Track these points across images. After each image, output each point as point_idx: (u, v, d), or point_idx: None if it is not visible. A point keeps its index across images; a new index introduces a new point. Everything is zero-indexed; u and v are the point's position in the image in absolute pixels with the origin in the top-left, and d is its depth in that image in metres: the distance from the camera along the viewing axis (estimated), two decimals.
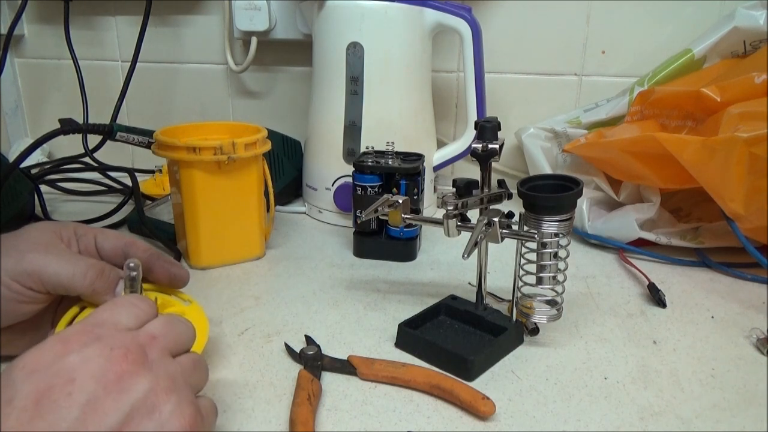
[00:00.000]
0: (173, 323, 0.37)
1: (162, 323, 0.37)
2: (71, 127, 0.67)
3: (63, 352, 0.31)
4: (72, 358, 0.31)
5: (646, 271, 0.65)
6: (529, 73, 0.91)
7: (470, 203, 0.52)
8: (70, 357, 0.31)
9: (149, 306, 0.38)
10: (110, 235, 0.48)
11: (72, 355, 0.31)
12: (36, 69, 1.04)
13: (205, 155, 0.62)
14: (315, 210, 0.83)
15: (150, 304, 0.38)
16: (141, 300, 0.38)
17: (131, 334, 0.34)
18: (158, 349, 0.34)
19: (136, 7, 0.93)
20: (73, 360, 0.31)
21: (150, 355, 0.34)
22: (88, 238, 0.47)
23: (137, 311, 0.37)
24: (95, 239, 0.48)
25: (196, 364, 0.37)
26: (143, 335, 0.35)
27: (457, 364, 0.47)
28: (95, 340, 0.33)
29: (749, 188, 0.61)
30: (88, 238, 0.47)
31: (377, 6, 0.73)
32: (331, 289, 0.63)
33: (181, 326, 0.38)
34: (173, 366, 0.34)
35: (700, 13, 0.84)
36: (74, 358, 0.31)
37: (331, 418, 0.43)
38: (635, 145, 0.68)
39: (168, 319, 0.38)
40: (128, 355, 0.32)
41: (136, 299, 0.38)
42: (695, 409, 0.44)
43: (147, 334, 0.35)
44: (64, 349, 0.32)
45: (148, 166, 0.97)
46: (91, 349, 0.32)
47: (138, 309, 0.37)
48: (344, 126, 0.77)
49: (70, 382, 0.30)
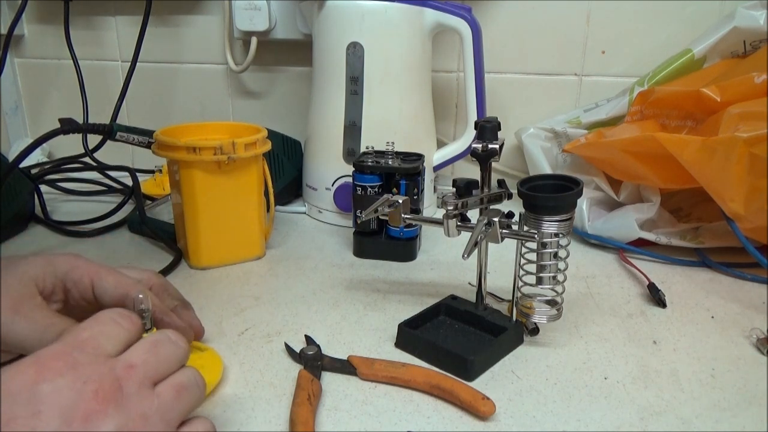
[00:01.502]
0: (157, 347, 0.35)
1: (145, 349, 0.34)
2: (71, 127, 0.67)
3: (36, 379, 0.30)
4: (43, 387, 0.30)
5: (646, 271, 0.65)
6: (529, 73, 0.91)
7: (470, 203, 0.52)
8: (42, 386, 0.30)
9: (133, 324, 0.36)
10: (110, 284, 0.43)
11: (44, 384, 0.30)
12: (36, 69, 1.04)
13: (205, 155, 0.62)
14: (315, 210, 0.83)
15: (134, 322, 0.36)
16: (124, 317, 0.36)
17: (108, 365, 0.32)
18: (136, 382, 0.32)
19: (136, 7, 0.93)
20: (43, 390, 0.30)
21: (126, 389, 0.32)
22: (83, 285, 0.43)
23: (120, 331, 0.35)
24: (93, 287, 0.44)
25: (179, 391, 0.34)
26: (121, 366, 0.33)
27: (457, 364, 0.47)
28: (70, 368, 0.31)
29: (749, 188, 0.61)
30: (83, 285, 0.43)
31: (377, 6, 0.73)
32: (331, 289, 0.63)
33: (166, 349, 0.35)
34: (148, 402, 0.32)
35: (700, 13, 0.84)
36: (45, 387, 0.30)
37: (331, 418, 0.43)
38: (635, 145, 0.68)
39: (152, 342, 0.35)
40: (100, 392, 0.31)
41: (119, 316, 0.36)
42: (695, 409, 0.44)
43: (125, 363, 0.33)
44: (37, 376, 0.30)
45: (148, 166, 0.97)
46: (64, 379, 0.31)
47: (121, 328, 0.35)
48: (344, 126, 0.77)
49: (36, 415, 0.29)
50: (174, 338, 0.36)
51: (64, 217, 0.81)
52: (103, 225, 0.78)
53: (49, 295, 0.43)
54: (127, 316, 0.36)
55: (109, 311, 0.36)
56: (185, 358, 0.36)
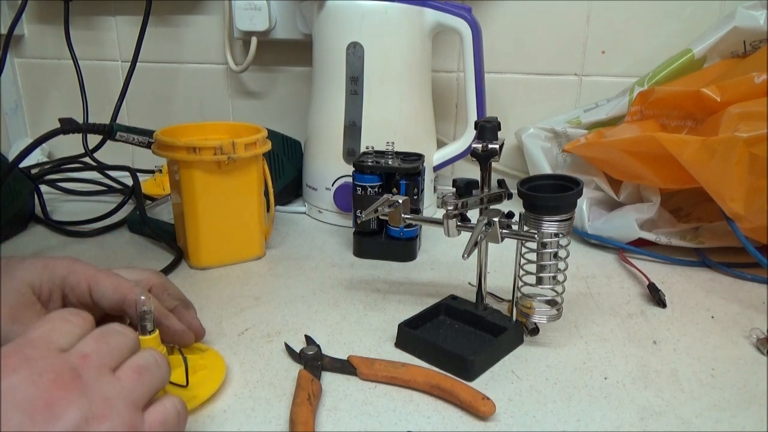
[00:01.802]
0: (107, 336, 0.35)
1: (95, 338, 0.34)
2: (71, 127, 0.67)
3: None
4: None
5: (646, 271, 0.65)
6: (529, 73, 0.91)
7: (470, 203, 0.52)
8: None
9: (83, 319, 0.36)
10: (108, 288, 0.43)
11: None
12: (36, 69, 1.04)
13: (205, 155, 0.62)
14: (315, 210, 0.83)
15: (84, 317, 0.36)
16: (74, 314, 0.36)
17: (63, 356, 0.32)
18: (93, 368, 0.32)
19: (136, 7, 0.93)
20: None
21: (84, 376, 0.32)
22: (80, 290, 0.43)
23: (71, 327, 0.35)
24: (90, 292, 0.43)
25: (140, 373, 0.34)
26: (75, 356, 0.33)
27: (457, 364, 0.47)
28: (23, 363, 0.31)
29: (749, 188, 0.61)
30: (80, 290, 0.43)
31: (377, 6, 0.73)
32: (331, 289, 0.63)
33: (116, 337, 0.35)
34: (110, 385, 0.32)
35: (700, 13, 0.84)
36: (1, 386, 0.30)
37: (331, 418, 0.43)
38: (635, 145, 0.68)
39: (100, 332, 0.35)
40: (57, 380, 0.30)
41: (68, 314, 0.36)
42: (695, 409, 0.44)
43: (79, 353, 0.33)
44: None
45: (148, 166, 0.97)
46: (18, 375, 0.30)
47: (71, 324, 0.35)
48: (344, 126, 0.77)
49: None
50: (119, 328, 0.36)
51: (64, 217, 0.81)
52: (103, 225, 0.78)
53: (46, 301, 0.43)
54: (77, 314, 0.36)
55: (60, 311, 0.36)
56: (135, 345, 0.36)
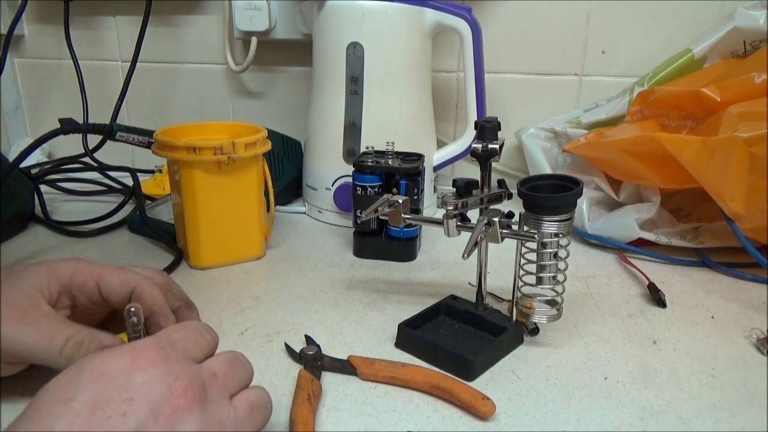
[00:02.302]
0: (234, 363, 0.37)
1: (224, 362, 0.36)
2: (71, 127, 0.67)
3: (130, 367, 0.32)
4: (137, 376, 0.31)
5: (646, 271, 0.65)
6: (529, 73, 0.91)
7: (470, 203, 0.52)
8: (136, 374, 0.31)
9: (213, 339, 0.38)
10: (116, 282, 0.44)
11: (138, 373, 0.31)
12: (36, 69, 1.04)
13: (205, 155, 0.62)
14: (315, 210, 0.83)
15: (214, 337, 0.38)
16: (208, 331, 0.38)
17: (196, 368, 0.34)
18: (217, 389, 0.34)
19: (136, 7, 0.93)
20: (137, 378, 0.31)
21: (209, 394, 0.33)
22: (88, 288, 0.44)
23: (203, 341, 0.37)
24: (99, 289, 0.44)
25: (252, 408, 0.36)
26: (206, 372, 0.34)
27: (457, 364, 0.47)
28: (163, 361, 0.33)
29: (749, 188, 0.61)
30: (88, 288, 0.44)
31: (377, 6, 0.73)
32: (331, 289, 0.63)
33: (241, 367, 0.37)
34: (226, 410, 0.34)
35: (700, 13, 0.84)
36: (139, 376, 0.31)
37: (331, 418, 0.43)
38: (635, 145, 0.68)
39: (230, 358, 0.37)
40: (188, 390, 0.32)
41: (203, 329, 0.38)
42: (695, 409, 0.44)
43: (209, 371, 0.34)
44: (132, 364, 0.32)
45: (148, 166, 0.97)
46: (157, 371, 0.32)
47: (203, 340, 0.37)
48: (344, 126, 0.77)
49: (128, 402, 0.30)
50: (244, 360, 0.38)
51: (64, 217, 0.80)
52: (103, 225, 0.78)
53: (55, 303, 0.43)
54: (209, 331, 0.38)
55: (194, 322, 0.39)
56: (251, 379, 0.38)
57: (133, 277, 0.44)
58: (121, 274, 0.44)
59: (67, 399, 0.30)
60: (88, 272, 0.44)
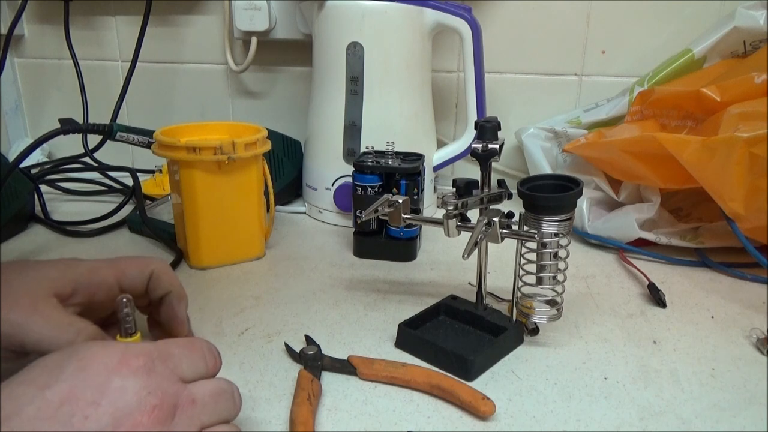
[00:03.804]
0: (222, 396, 0.35)
1: (211, 391, 0.35)
2: (71, 127, 0.67)
3: (113, 368, 0.31)
4: (115, 380, 0.31)
5: (646, 271, 0.65)
6: (529, 73, 0.91)
7: (470, 203, 0.52)
8: (115, 378, 0.31)
9: (215, 366, 0.37)
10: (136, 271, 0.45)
11: (116, 378, 0.31)
12: (36, 69, 1.04)
13: (205, 155, 0.62)
14: (315, 210, 0.83)
15: (216, 365, 0.37)
16: (212, 356, 0.37)
17: (176, 388, 0.33)
18: (188, 417, 0.33)
19: (136, 7, 0.93)
20: (113, 383, 0.31)
21: (178, 419, 0.32)
22: (108, 284, 0.44)
23: (201, 365, 0.35)
24: (119, 284, 0.44)
25: None
26: (185, 395, 0.33)
27: (457, 364, 0.47)
28: (146, 373, 0.32)
29: (749, 188, 0.61)
30: (108, 284, 0.44)
31: (377, 6, 0.73)
32: (331, 289, 0.63)
33: (227, 402, 0.36)
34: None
35: (700, 13, 0.84)
36: (116, 381, 0.31)
37: (331, 418, 0.43)
38: (635, 145, 0.68)
39: (220, 389, 0.35)
40: (156, 410, 0.31)
41: (208, 352, 0.37)
42: (695, 409, 0.44)
43: (189, 396, 0.33)
44: (116, 366, 0.31)
45: (148, 166, 0.96)
46: (135, 381, 0.31)
47: (202, 364, 0.36)
48: (344, 126, 0.77)
49: (94, 405, 0.30)
50: (236, 395, 0.37)
51: (64, 217, 0.80)
52: (103, 225, 0.78)
53: (66, 298, 0.43)
54: (215, 356, 0.37)
55: (204, 343, 0.37)
56: (235, 417, 0.36)
57: (149, 262, 0.46)
58: (137, 262, 0.45)
59: (45, 385, 0.30)
60: (106, 269, 0.44)
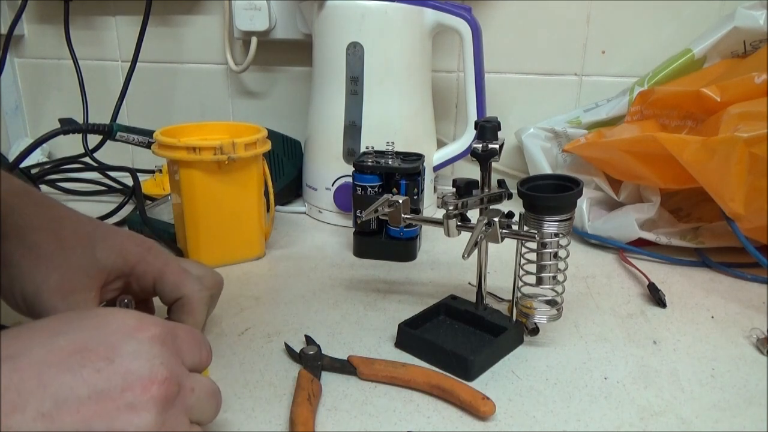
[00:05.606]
0: (212, 399, 0.35)
1: (207, 389, 0.34)
2: (71, 127, 0.67)
3: (130, 331, 0.31)
4: (130, 343, 0.30)
5: (646, 271, 0.65)
6: (529, 73, 0.91)
7: (470, 203, 0.52)
8: (130, 341, 0.30)
9: (207, 359, 0.36)
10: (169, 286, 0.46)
11: (132, 341, 0.30)
12: (36, 69, 1.04)
13: (205, 155, 0.62)
14: (315, 210, 0.83)
15: (208, 358, 0.37)
16: (206, 349, 0.36)
17: (182, 369, 0.33)
18: (183, 405, 0.32)
19: (136, 7, 0.93)
20: (129, 345, 0.30)
21: (177, 402, 0.31)
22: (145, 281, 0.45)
23: (197, 356, 0.35)
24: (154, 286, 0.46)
25: None
26: (188, 382, 0.33)
27: (457, 364, 0.47)
28: (160, 343, 0.31)
29: (749, 188, 0.61)
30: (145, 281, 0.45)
31: (377, 6, 0.73)
32: (331, 289, 0.63)
33: (215, 407, 0.36)
34: (182, 427, 0.32)
35: (700, 13, 0.84)
36: (132, 344, 0.30)
37: (331, 418, 0.43)
38: (635, 145, 0.68)
39: (214, 391, 0.35)
40: (165, 383, 0.30)
41: (204, 346, 0.36)
42: (695, 409, 0.44)
43: (190, 384, 0.33)
44: (133, 329, 0.31)
45: (148, 166, 0.96)
46: (149, 348, 0.31)
47: (199, 354, 0.35)
48: (344, 126, 0.77)
49: (107, 361, 0.29)
50: (219, 399, 0.36)
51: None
52: None
53: (110, 282, 0.45)
54: (209, 351, 0.37)
55: (200, 335, 0.37)
56: (211, 422, 0.36)
57: (186, 287, 0.46)
58: (176, 278, 0.46)
59: (58, 331, 0.29)
60: (151, 266, 0.45)
